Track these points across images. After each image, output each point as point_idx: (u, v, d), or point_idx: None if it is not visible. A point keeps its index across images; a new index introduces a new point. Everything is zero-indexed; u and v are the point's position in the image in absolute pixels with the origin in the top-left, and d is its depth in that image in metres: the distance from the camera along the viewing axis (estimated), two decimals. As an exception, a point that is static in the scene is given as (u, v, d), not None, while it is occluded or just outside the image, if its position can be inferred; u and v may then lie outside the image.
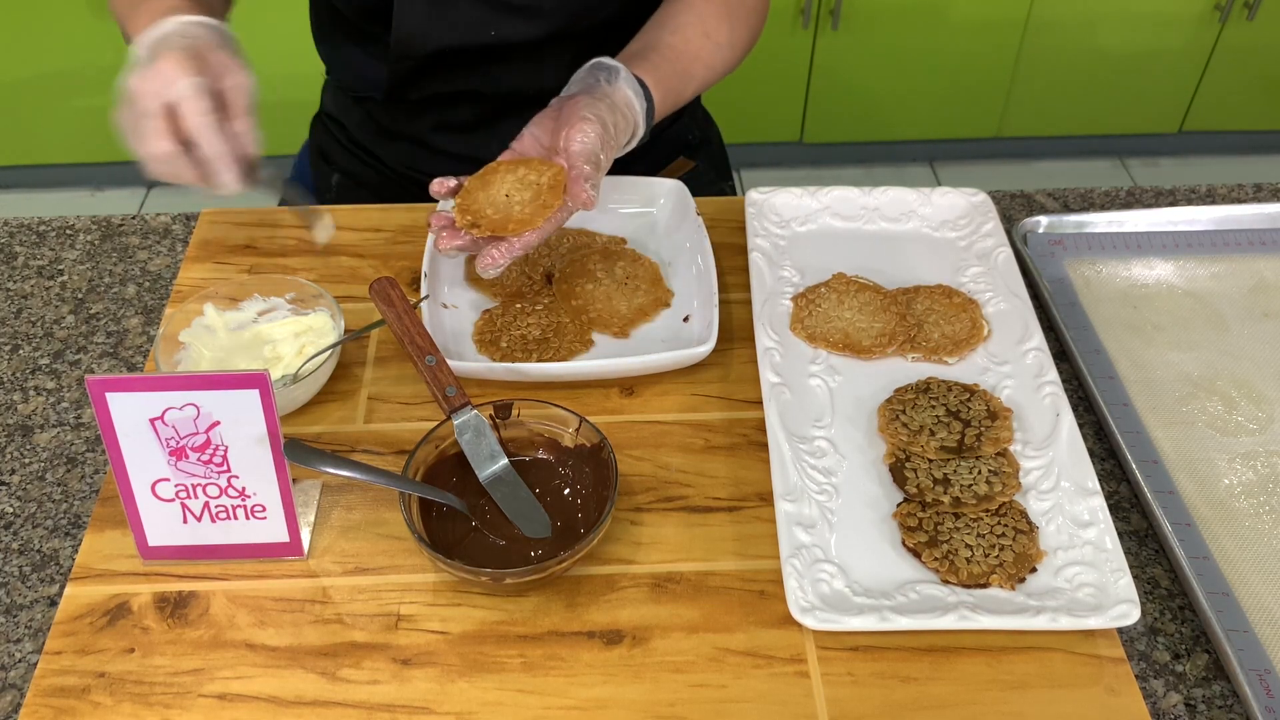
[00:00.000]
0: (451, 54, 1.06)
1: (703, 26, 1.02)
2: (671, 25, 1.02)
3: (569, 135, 0.86)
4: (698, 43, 1.01)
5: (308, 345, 0.91)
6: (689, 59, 1.01)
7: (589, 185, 0.85)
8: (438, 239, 0.87)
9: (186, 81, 0.80)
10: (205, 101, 0.81)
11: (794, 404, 0.89)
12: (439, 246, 0.87)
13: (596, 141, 0.86)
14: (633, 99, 0.92)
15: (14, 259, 1.14)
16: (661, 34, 1.01)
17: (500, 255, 0.85)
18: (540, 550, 0.78)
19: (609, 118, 0.89)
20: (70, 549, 0.91)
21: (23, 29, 2.24)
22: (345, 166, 1.25)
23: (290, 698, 0.72)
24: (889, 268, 1.02)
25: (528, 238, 0.85)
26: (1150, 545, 0.89)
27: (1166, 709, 0.78)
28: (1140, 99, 2.53)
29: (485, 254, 0.85)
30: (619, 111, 0.90)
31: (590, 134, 0.86)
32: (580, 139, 0.86)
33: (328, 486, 0.84)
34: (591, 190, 0.85)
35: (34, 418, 1.00)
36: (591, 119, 0.87)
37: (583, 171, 0.85)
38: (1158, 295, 1.09)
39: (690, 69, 1.01)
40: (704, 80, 1.03)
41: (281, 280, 0.94)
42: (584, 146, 0.86)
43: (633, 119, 0.92)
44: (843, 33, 2.35)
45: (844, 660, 0.74)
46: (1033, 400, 0.89)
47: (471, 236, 0.86)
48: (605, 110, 0.89)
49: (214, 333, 0.91)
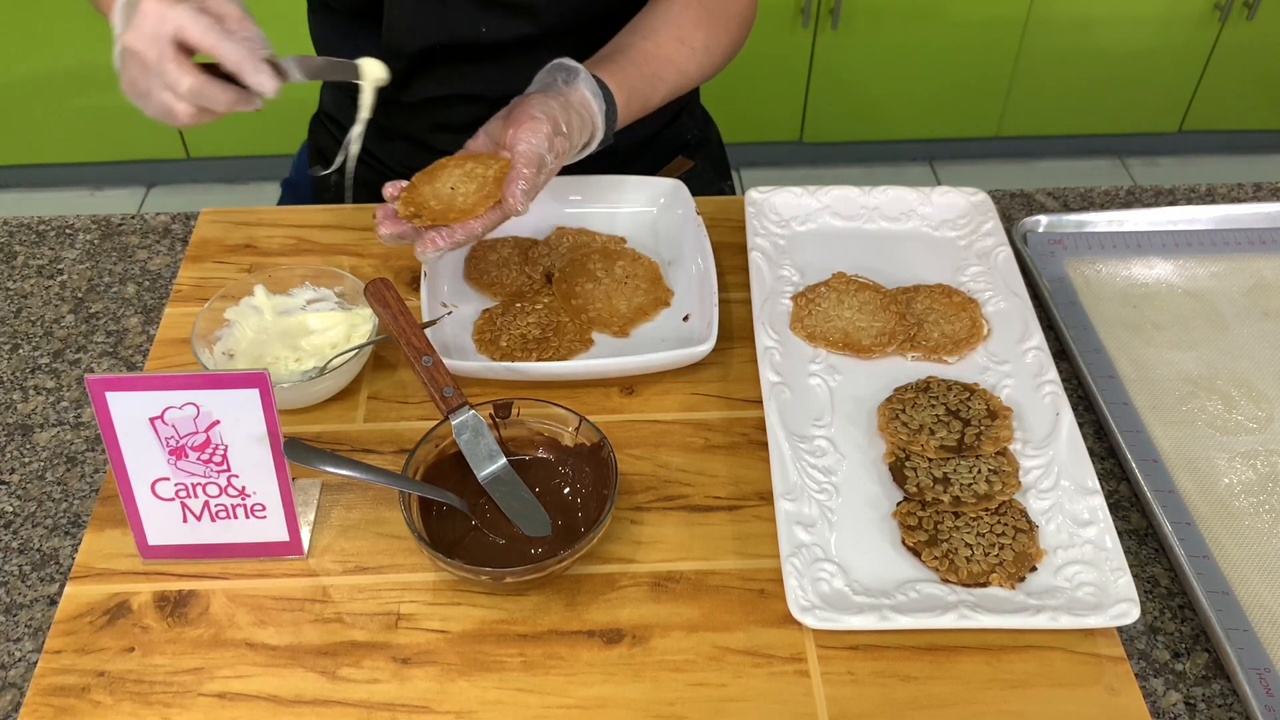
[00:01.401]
0: (443, 52, 1.06)
1: (678, 31, 1.02)
2: (645, 30, 1.02)
3: (516, 134, 0.86)
4: (670, 47, 1.01)
5: (345, 339, 0.91)
6: (659, 63, 1.00)
7: (521, 189, 0.84)
8: (378, 226, 0.86)
9: (177, 10, 0.77)
10: (206, 18, 0.78)
11: (794, 403, 0.89)
12: (377, 232, 0.86)
13: (543, 142, 0.86)
14: (590, 100, 0.92)
15: (14, 258, 1.14)
16: (633, 38, 1.01)
17: (441, 239, 0.84)
18: (540, 549, 0.78)
19: (561, 116, 0.88)
20: (70, 548, 0.91)
21: (23, 29, 2.24)
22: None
23: (290, 697, 0.72)
24: (889, 267, 1.02)
25: (470, 225, 0.84)
26: (1150, 544, 0.89)
27: (1166, 708, 0.78)
28: (1140, 98, 2.53)
29: (425, 238, 0.85)
30: (574, 111, 0.90)
31: (538, 133, 0.85)
32: (526, 138, 0.85)
33: (327, 486, 0.85)
34: (524, 195, 0.84)
35: (34, 417, 1.00)
36: (540, 117, 0.86)
37: (521, 174, 0.84)
38: (1157, 294, 1.09)
39: (660, 73, 1.00)
40: (675, 85, 1.03)
41: (334, 274, 0.95)
42: (529, 148, 0.85)
43: (590, 119, 0.92)
44: (842, 32, 2.35)
45: (844, 659, 0.74)
46: (1032, 399, 0.89)
47: (412, 226, 0.86)
48: (558, 109, 0.88)
49: (260, 314, 0.92)
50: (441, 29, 1.04)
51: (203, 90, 0.79)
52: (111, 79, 0.86)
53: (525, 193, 0.85)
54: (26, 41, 2.25)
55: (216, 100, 0.80)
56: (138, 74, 0.81)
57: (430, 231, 0.85)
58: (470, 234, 0.85)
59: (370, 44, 1.07)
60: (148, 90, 0.81)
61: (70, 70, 2.29)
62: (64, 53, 2.27)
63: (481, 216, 0.85)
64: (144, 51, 0.79)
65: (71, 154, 2.46)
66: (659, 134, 1.22)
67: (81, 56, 2.28)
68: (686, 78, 1.04)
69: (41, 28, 2.24)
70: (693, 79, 1.05)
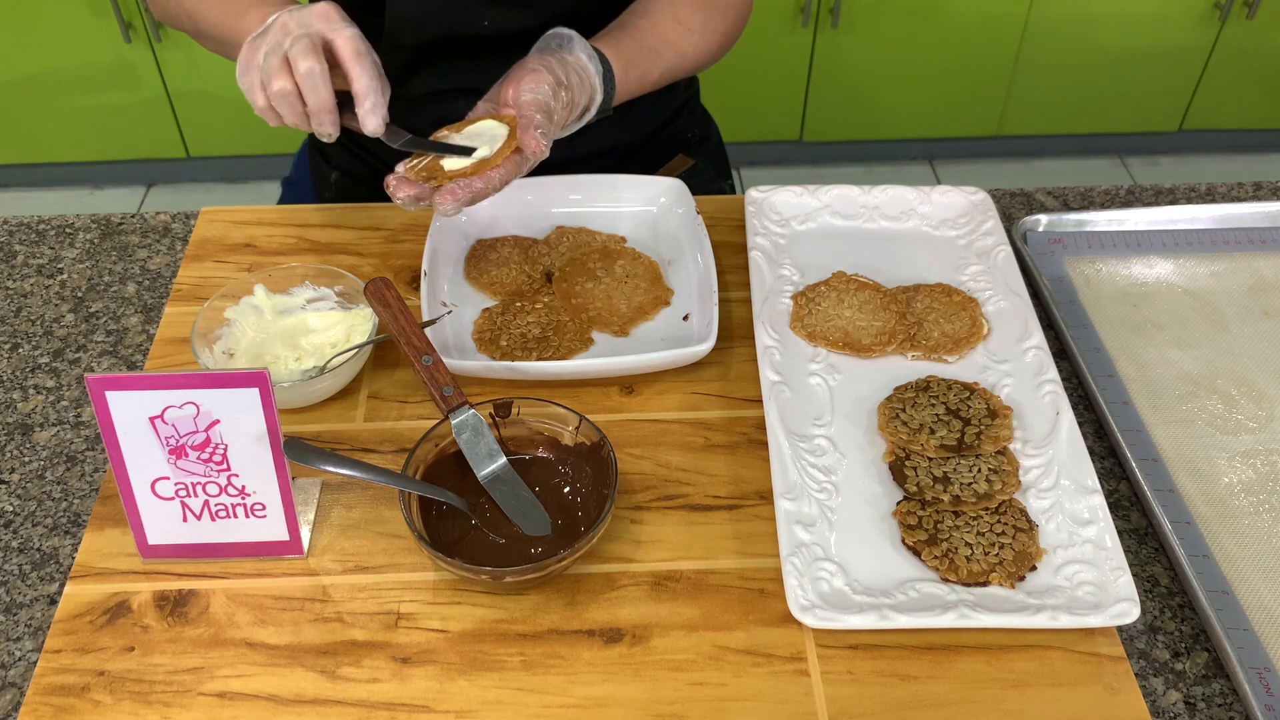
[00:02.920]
0: (445, 44, 1.06)
1: (673, 12, 1.03)
2: (641, 10, 1.03)
3: (518, 88, 0.86)
4: (666, 25, 1.02)
5: (345, 338, 0.91)
6: (655, 38, 1.01)
7: (539, 132, 0.84)
8: (394, 191, 0.85)
9: (343, 23, 0.83)
10: (363, 43, 0.83)
11: (794, 402, 0.89)
12: (394, 196, 0.85)
13: (547, 91, 0.86)
14: (586, 62, 0.92)
15: (13, 257, 1.14)
16: (629, 17, 1.02)
17: (460, 190, 0.83)
18: (540, 548, 0.78)
19: (560, 70, 0.88)
20: (70, 547, 0.91)
21: (22, 28, 2.24)
22: (344, 165, 1.25)
23: (290, 696, 0.72)
24: (889, 266, 1.02)
25: (489, 174, 0.84)
26: (1150, 543, 0.89)
27: (1166, 707, 0.78)
28: (1140, 97, 2.53)
29: (443, 191, 0.84)
30: (571, 70, 0.90)
31: (541, 83, 0.86)
32: (530, 88, 0.85)
33: (327, 485, 0.85)
34: (541, 137, 0.84)
35: (34, 416, 1.00)
36: (539, 69, 0.87)
37: (533, 119, 0.84)
38: (1157, 293, 1.09)
39: (657, 48, 1.01)
40: (672, 64, 1.03)
41: (334, 273, 0.95)
42: (534, 95, 0.85)
43: (588, 80, 0.92)
44: (842, 31, 2.35)
45: (844, 658, 0.74)
46: (1032, 398, 0.89)
47: (428, 186, 0.84)
48: (556, 64, 0.89)
49: (260, 313, 0.92)
50: (444, 22, 1.04)
51: (313, 79, 0.81)
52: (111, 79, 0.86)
53: (543, 134, 0.84)
54: (26, 41, 2.25)
55: (317, 92, 0.82)
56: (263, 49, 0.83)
57: (449, 184, 0.84)
58: (489, 184, 0.84)
59: (372, 37, 1.07)
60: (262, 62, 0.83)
61: (70, 70, 2.29)
62: (64, 53, 2.27)
63: (500, 165, 0.84)
64: (294, 30, 0.82)
65: (71, 153, 2.46)
66: (659, 133, 1.22)
67: (81, 56, 2.28)
68: (683, 57, 1.04)
69: (41, 27, 2.24)
70: (689, 59, 1.05)
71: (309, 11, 0.83)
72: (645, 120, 1.19)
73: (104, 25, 2.22)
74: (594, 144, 1.15)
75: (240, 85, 0.85)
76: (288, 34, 0.83)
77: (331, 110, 0.83)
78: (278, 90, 0.82)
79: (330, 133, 0.84)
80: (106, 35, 2.24)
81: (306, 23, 0.83)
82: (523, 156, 0.86)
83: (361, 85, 0.83)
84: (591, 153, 1.15)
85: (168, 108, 2.36)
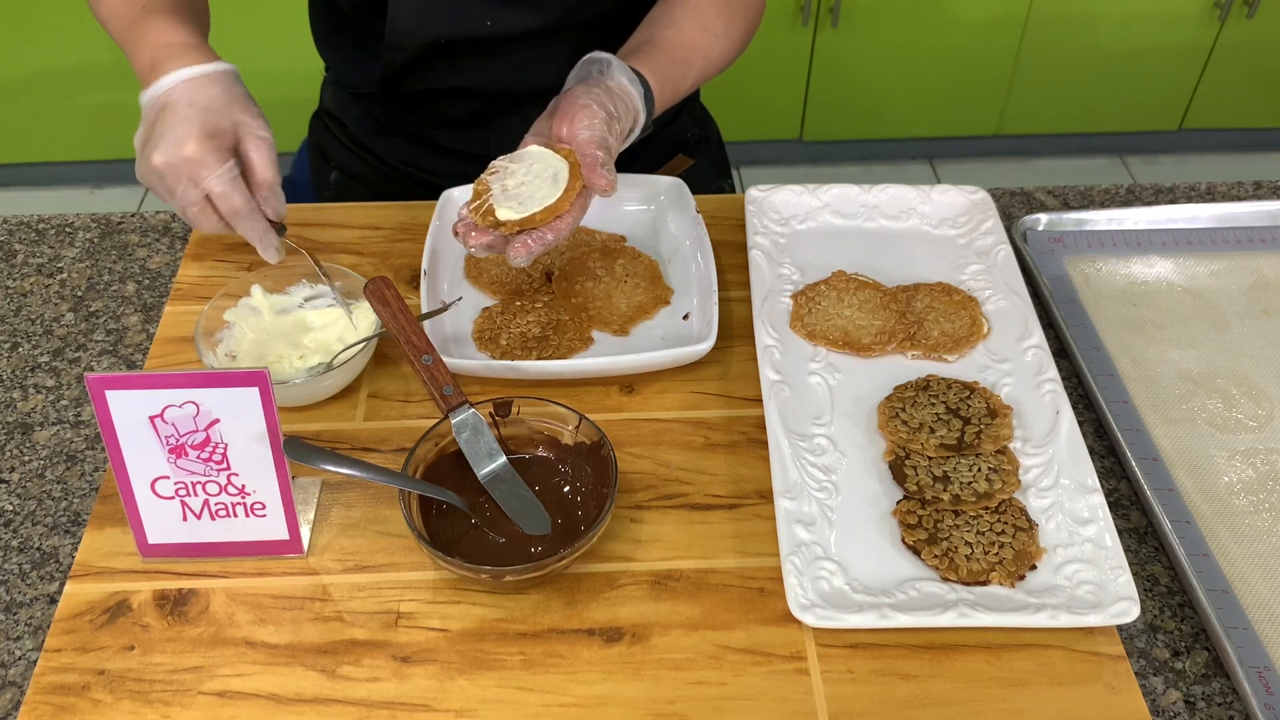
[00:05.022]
0: (447, 45, 1.06)
1: (699, 19, 1.02)
2: (666, 19, 1.02)
3: (573, 125, 0.86)
4: (694, 34, 1.02)
5: (346, 335, 0.91)
6: (686, 49, 1.01)
7: (604, 170, 0.84)
8: (464, 240, 0.86)
9: (217, 174, 0.86)
10: (239, 193, 0.87)
11: (794, 401, 0.89)
12: (466, 245, 0.86)
13: (603, 126, 0.86)
14: (629, 86, 0.92)
15: (13, 257, 1.14)
16: (656, 29, 1.01)
17: (533, 242, 0.84)
18: (540, 548, 0.78)
19: (609, 104, 0.88)
20: (70, 546, 0.91)
21: (22, 28, 2.24)
22: (344, 164, 1.25)
23: (290, 695, 0.72)
24: (889, 265, 1.02)
25: (558, 224, 0.84)
26: (1150, 543, 0.89)
27: (1166, 706, 0.78)
28: (1140, 96, 2.53)
29: (515, 243, 0.84)
30: (617, 99, 0.90)
31: (595, 120, 0.86)
32: (586, 125, 0.85)
33: (327, 484, 0.85)
34: (608, 174, 0.84)
35: (34, 415, 1.00)
36: (592, 105, 0.87)
37: (596, 157, 0.84)
38: (1157, 293, 1.09)
39: (688, 59, 1.01)
40: (702, 71, 1.04)
41: (331, 269, 0.95)
42: (591, 133, 0.85)
43: (632, 106, 0.92)
44: (842, 30, 2.35)
45: (844, 658, 0.74)
46: (1032, 398, 0.89)
47: (499, 234, 0.85)
48: (604, 96, 0.88)
49: (259, 314, 0.92)
50: (446, 22, 1.04)
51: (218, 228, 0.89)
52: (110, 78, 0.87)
53: (608, 171, 0.84)
54: (26, 41, 2.25)
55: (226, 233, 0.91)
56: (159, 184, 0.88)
57: (520, 236, 0.84)
58: (558, 232, 0.85)
59: (376, 40, 1.07)
60: (168, 198, 0.88)
61: (70, 69, 2.29)
62: (64, 52, 2.27)
63: (569, 211, 0.84)
64: (174, 187, 0.87)
65: (71, 152, 2.46)
66: (659, 132, 1.22)
67: (81, 55, 2.27)
68: (711, 64, 1.04)
69: (41, 27, 2.24)
70: (716, 65, 1.05)
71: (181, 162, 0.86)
72: (646, 119, 1.19)
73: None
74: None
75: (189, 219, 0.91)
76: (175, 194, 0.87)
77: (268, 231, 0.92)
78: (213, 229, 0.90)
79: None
80: (106, 35, 2.24)
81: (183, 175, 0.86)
82: (587, 198, 0.86)
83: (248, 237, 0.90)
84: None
85: (167, 107, 2.36)
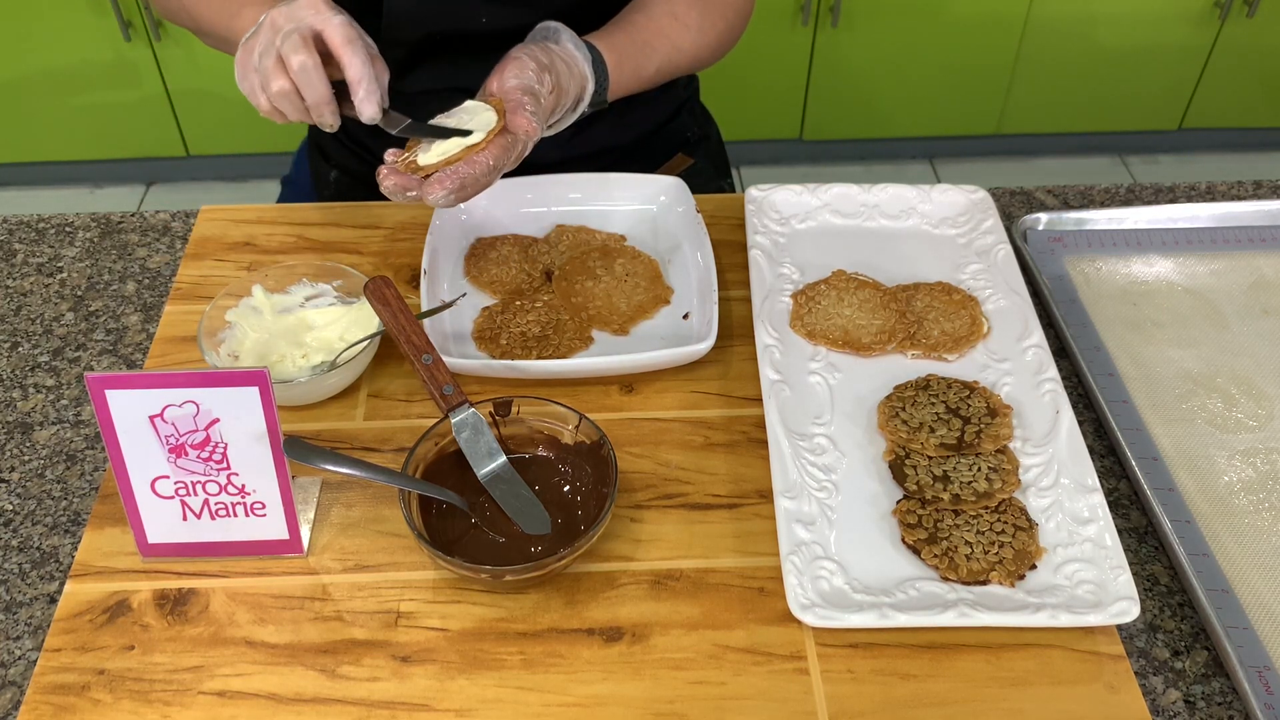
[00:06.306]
0: (442, 41, 1.06)
1: (670, 7, 1.03)
2: (638, 5, 1.03)
3: (501, 75, 0.86)
4: (662, 20, 1.02)
5: (348, 333, 0.91)
6: (650, 33, 1.01)
7: (528, 111, 0.83)
8: (381, 181, 0.83)
9: (330, 12, 0.82)
10: (353, 29, 0.82)
11: (794, 401, 0.89)
12: (382, 186, 0.84)
13: (531, 75, 0.86)
14: (574, 51, 0.92)
15: (13, 256, 1.14)
16: (626, 12, 1.03)
17: (447, 178, 0.82)
18: (540, 547, 0.78)
19: (543, 57, 0.88)
20: (70, 546, 0.91)
21: (22, 27, 2.24)
22: (343, 163, 1.25)
23: (290, 695, 0.72)
24: (889, 265, 1.02)
25: (476, 159, 0.82)
26: (1150, 542, 0.89)
27: (1166, 705, 0.78)
28: (1140, 96, 2.53)
29: (430, 181, 0.82)
30: (557, 58, 0.90)
31: (526, 70, 0.86)
32: (515, 74, 0.85)
33: (327, 484, 0.85)
34: (531, 116, 0.83)
35: (33, 415, 1.00)
36: (523, 57, 0.87)
37: (520, 101, 0.84)
38: (1157, 292, 1.09)
39: (651, 42, 1.01)
40: (669, 57, 1.03)
41: (331, 268, 0.95)
42: (519, 81, 0.85)
43: (578, 72, 0.92)
44: (842, 29, 2.34)
45: (844, 657, 0.74)
46: (1032, 397, 0.89)
47: (415, 177, 0.83)
48: (539, 52, 0.89)
49: (260, 314, 0.92)
50: (442, 18, 1.04)
51: (307, 74, 0.81)
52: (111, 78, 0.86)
53: (532, 114, 0.83)
54: (26, 40, 2.25)
55: (313, 87, 0.82)
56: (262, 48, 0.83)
57: (436, 174, 0.82)
58: (477, 169, 0.82)
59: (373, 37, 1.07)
60: (258, 63, 0.83)
61: (69, 68, 2.29)
62: (64, 51, 2.27)
63: (486, 149, 0.82)
64: (284, 26, 0.82)
65: (71, 152, 2.46)
66: (659, 131, 1.22)
67: (81, 55, 2.27)
68: (679, 52, 1.04)
69: (41, 26, 2.24)
70: (686, 54, 1.05)
71: (297, 5, 0.83)
72: (645, 119, 1.19)
73: (103, 24, 2.22)
74: (594, 143, 1.15)
75: (241, 90, 0.85)
76: (278, 31, 0.82)
77: (329, 102, 0.83)
78: (276, 90, 0.82)
79: (331, 123, 0.84)
80: (106, 34, 2.24)
81: (296, 17, 0.82)
82: (511, 139, 0.84)
83: (354, 73, 0.82)
84: (591, 152, 1.15)
85: (167, 106, 2.36)
